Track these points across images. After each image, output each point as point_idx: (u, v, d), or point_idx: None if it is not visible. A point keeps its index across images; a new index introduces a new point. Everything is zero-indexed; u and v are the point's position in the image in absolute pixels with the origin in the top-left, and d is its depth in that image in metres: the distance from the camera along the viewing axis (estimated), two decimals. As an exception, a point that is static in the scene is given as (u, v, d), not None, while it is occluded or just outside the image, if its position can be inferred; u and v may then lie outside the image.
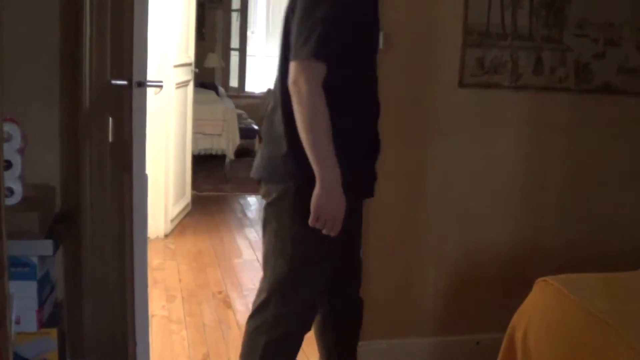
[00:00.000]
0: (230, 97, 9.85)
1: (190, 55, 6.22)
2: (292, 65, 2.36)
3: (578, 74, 3.56)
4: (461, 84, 3.42)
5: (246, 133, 8.92)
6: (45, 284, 2.74)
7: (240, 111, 9.27)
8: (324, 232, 2.42)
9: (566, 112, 3.58)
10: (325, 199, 2.36)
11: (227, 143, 8.24)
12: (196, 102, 6.57)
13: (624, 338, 2.38)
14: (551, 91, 3.54)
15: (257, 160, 2.63)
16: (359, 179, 2.58)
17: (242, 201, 7.20)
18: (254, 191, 7.48)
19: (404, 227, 3.51)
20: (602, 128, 3.64)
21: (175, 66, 5.69)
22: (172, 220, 5.81)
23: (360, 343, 3.44)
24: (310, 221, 2.39)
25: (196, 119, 6.59)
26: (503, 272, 3.62)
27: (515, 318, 2.91)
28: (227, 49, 11.06)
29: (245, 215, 6.69)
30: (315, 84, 2.33)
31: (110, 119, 2.95)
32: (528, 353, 2.79)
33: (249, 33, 11.22)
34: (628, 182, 3.72)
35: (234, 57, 11.21)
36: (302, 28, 2.35)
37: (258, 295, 2.64)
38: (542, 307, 2.81)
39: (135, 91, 2.71)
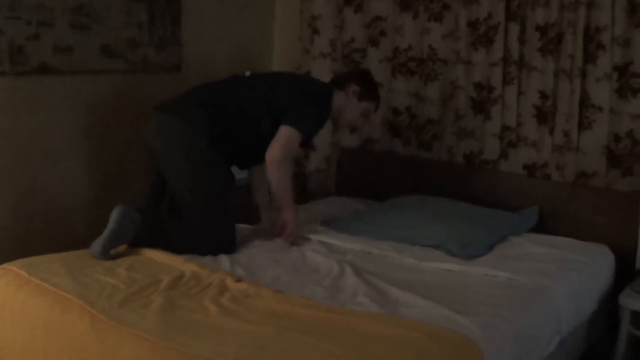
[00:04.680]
0: None
1: None
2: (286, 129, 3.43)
3: (13, 56, 3.58)
4: None
5: None
6: None
7: None
8: None
9: (3, 96, 3.59)
10: None
11: None
12: None
13: (88, 309, 2.55)
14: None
15: None
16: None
17: None
18: None
19: None
20: (41, 108, 3.72)
21: None
22: None
23: None
24: None
25: None
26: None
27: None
28: None
29: None
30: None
31: None
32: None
33: None
34: (64, 158, 3.87)
35: None
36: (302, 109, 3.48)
37: None
38: (3, 294, 2.83)
39: None
